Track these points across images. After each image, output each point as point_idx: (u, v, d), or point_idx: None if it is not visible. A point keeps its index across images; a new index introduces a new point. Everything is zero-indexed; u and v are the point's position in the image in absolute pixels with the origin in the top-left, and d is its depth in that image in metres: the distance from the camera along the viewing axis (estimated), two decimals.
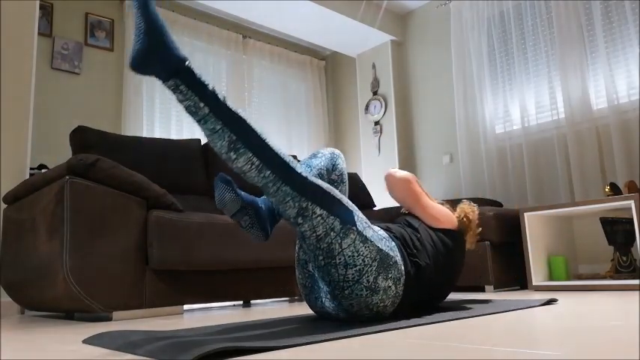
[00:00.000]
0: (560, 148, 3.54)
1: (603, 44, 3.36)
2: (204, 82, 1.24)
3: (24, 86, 2.79)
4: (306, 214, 1.34)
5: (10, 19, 2.79)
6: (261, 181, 1.32)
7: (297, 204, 1.33)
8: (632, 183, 2.82)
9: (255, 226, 1.45)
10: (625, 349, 0.86)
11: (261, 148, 1.29)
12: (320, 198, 1.35)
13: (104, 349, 1.17)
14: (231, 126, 1.26)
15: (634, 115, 3.21)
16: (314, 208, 1.34)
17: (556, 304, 1.84)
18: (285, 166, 1.33)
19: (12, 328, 1.83)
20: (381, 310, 1.45)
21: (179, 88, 1.22)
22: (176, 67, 1.21)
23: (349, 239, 1.37)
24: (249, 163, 1.28)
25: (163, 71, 1.20)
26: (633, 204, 2.55)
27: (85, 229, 1.96)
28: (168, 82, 1.22)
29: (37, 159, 3.48)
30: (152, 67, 1.18)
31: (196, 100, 1.23)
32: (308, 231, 1.36)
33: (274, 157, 1.31)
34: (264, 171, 1.30)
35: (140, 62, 1.17)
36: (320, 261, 1.40)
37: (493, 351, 0.89)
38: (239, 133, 1.26)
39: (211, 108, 1.24)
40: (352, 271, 1.38)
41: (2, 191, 2.63)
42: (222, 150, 1.28)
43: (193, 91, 1.22)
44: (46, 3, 3.71)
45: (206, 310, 2.49)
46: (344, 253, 1.37)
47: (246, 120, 1.29)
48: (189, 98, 1.23)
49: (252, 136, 1.28)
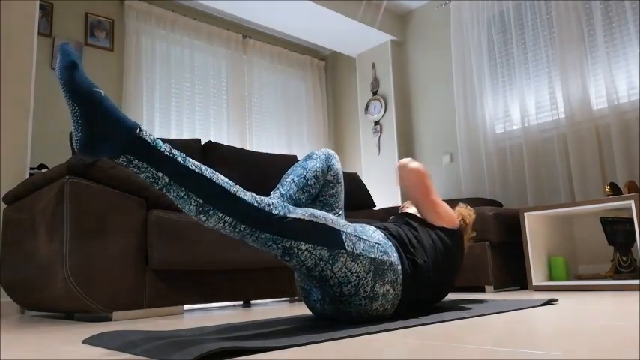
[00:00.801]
0: (560, 148, 3.54)
1: (603, 44, 3.36)
2: (160, 149, 1.13)
3: (24, 86, 2.79)
4: (291, 252, 1.29)
5: (10, 19, 2.79)
6: (238, 234, 1.25)
7: (279, 245, 1.28)
8: (632, 183, 2.82)
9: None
10: (625, 349, 0.86)
11: (231, 204, 1.21)
12: (302, 233, 1.29)
13: (104, 349, 1.17)
14: (195, 191, 1.16)
15: (634, 115, 3.21)
16: (298, 244, 1.29)
17: (556, 304, 1.84)
18: (260, 215, 1.25)
19: (12, 328, 1.83)
20: (381, 313, 1.46)
21: (132, 162, 1.11)
22: (126, 141, 1.09)
23: (339, 263, 1.34)
24: (221, 222, 1.21)
25: (113, 151, 1.08)
26: (633, 204, 2.55)
27: (85, 229, 1.96)
28: (119, 160, 1.10)
29: (37, 159, 3.48)
30: (101, 151, 1.07)
31: (153, 172, 1.12)
32: (297, 265, 1.34)
33: (247, 210, 1.23)
34: (238, 226, 1.23)
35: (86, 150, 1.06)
36: (314, 283, 1.40)
37: (493, 351, 0.89)
38: (205, 196, 1.17)
39: (171, 176, 1.14)
40: (348, 287, 1.38)
41: (2, 191, 2.63)
42: (192, 213, 1.20)
43: (148, 163, 1.11)
44: (46, 3, 3.71)
45: (206, 310, 2.49)
46: (336, 275, 1.36)
47: (211, 179, 1.19)
48: (146, 170, 1.12)
49: (219, 195, 1.19)
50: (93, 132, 1.05)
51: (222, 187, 1.20)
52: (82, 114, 1.04)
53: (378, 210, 3.74)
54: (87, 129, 1.04)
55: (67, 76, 1.03)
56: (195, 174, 1.17)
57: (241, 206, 1.22)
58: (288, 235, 1.27)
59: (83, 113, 1.04)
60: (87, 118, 1.04)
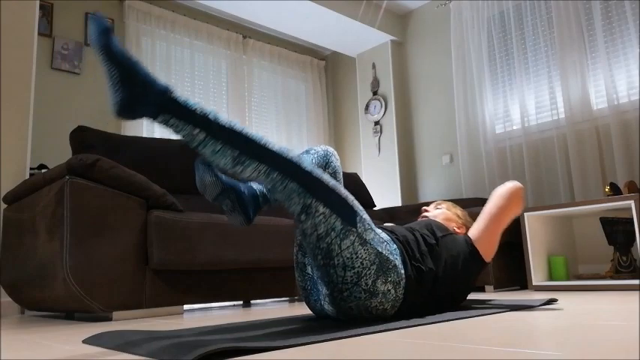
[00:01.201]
0: (560, 148, 3.54)
1: (603, 44, 3.36)
2: (192, 107, 1.21)
3: (24, 86, 2.79)
4: (309, 211, 1.34)
5: (10, 19, 2.79)
6: (270, 183, 1.32)
7: (302, 200, 1.34)
8: (632, 183, 2.82)
9: (237, 210, 1.43)
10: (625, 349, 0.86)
11: (264, 154, 1.29)
12: (323, 194, 1.35)
13: (104, 349, 1.17)
14: (230, 143, 1.24)
15: (634, 115, 3.21)
16: (317, 205, 1.35)
17: (556, 304, 1.84)
18: (291, 165, 1.33)
19: (12, 328, 1.83)
20: (380, 313, 1.45)
21: (169, 122, 1.19)
22: (160, 103, 1.17)
23: (348, 240, 1.37)
24: (256, 171, 1.29)
25: (150, 112, 1.16)
26: (633, 204, 2.55)
27: (85, 229, 1.96)
28: (157, 120, 1.19)
29: (37, 159, 3.48)
30: (138, 111, 1.15)
31: (190, 129, 1.20)
32: (309, 229, 1.37)
33: (278, 159, 1.31)
34: (271, 174, 1.30)
35: (125, 111, 1.13)
36: (319, 260, 1.40)
37: (493, 351, 0.89)
38: (240, 147, 1.25)
39: (207, 132, 1.22)
40: (350, 273, 1.38)
41: (2, 191, 2.63)
42: (227, 166, 1.27)
43: (184, 120, 1.19)
44: (46, 3, 3.71)
45: (206, 310, 2.49)
46: (342, 254, 1.37)
47: (242, 132, 1.27)
48: (183, 129, 1.20)
49: (252, 145, 1.27)
50: (130, 93, 1.11)
51: (253, 138, 1.28)
52: (121, 76, 1.10)
53: (378, 210, 3.74)
54: (124, 91, 1.11)
55: (104, 41, 1.09)
56: (228, 128, 1.24)
57: (273, 155, 1.30)
58: (310, 191, 1.33)
59: (121, 76, 1.10)
60: (125, 81, 1.11)
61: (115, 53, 1.10)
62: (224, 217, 2.39)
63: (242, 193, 1.45)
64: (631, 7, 3.27)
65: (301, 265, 1.57)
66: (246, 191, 1.47)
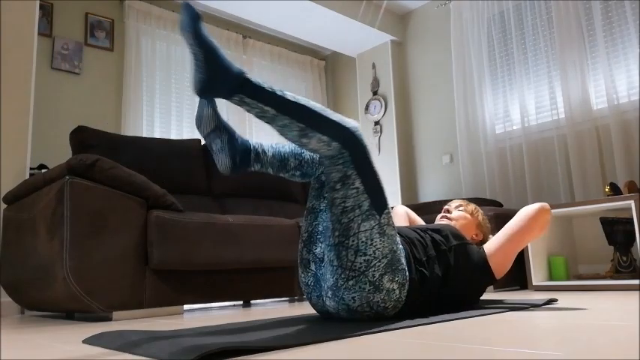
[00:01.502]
0: (560, 148, 3.54)
1: (603, 44, 3.36)
2: (263, 87, 1.32)
3: (24, 86, 2.79)
4: (347, 182, 1.40)
5: (10, 19, 2.79)
6: (330, 152, 1.40)
7: (345, 168, 1.40)
8: (632, 183, 2.82)
9: (225, 152, 1.44)
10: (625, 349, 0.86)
11: (326, 125, 1.37)
12: (365, 172, 1.41)
13: (104, 349, 1.17)
14: (297, 117, 1.34)
15: (634, 115, 3.21)
16: (355, 179, 1.41)
17: (556, 304, 1.84)
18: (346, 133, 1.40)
19: (12, 328, 1.83)
20: (381, 310, 1.45)
21: (243, 100, 1.30)
22: (236, 83, 1.29)
23: (369, 224, 1.40)
24: (320, 142, 1.37)
25: (227, 91, 1.29)
26: (633, 204, 2.55)
27: (85, 229, 1.96)
28: (232, 99, 1.31)
29: (37, 159, 3.48)
30: (216, 91, 1.28)
31: (261, 107, 1.31)
32: (339, 199, 1.41)
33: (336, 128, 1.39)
34: (332, 143, 1.38)
35: (205, 89, 1.26)
36: (335, 238, 1.42)
37: (493, 351, 0.89)
38: (305, 120, 1.35)
39: (276, 108, 1.32)
40: (361, 260, 1.39)
41: (2, 191, 2.63)
42: (294, 139, 1.38)
43: (256, 99, 1.31)
44: (46, 3, 3.71)
45: (206, 310, 2.49)
46: (359, 236, 1.40)
47: (306, 105, 1.36)
48: (255, 106, 1.31)
49: (316, 118, 1.36)
50: (212, 74, 1.25)
51: (315, 110, 1.37)
52: (205, 58, 1.24)
53: None
54: (208, 71, 1.24)
55: (195, 26, 1.23)
56: (294, 103, 1.35)
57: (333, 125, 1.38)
58: (355, 164, 1.40)
59: (206, 58, 1.24)
60: (208, 62, 1.24)
61: (203, 38, 1.24)
62: (224, 217, 2.39)
63: (235, 139, 1.46)
64: (631, 7, 3.27)
65: (305, 261, 1.57)
66: (239, 140, 1.48)
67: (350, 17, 4.38)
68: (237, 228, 2.39)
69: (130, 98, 3.91)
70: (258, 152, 1.52)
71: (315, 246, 1.56)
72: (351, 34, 4.69)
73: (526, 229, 1.68)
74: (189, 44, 1.25)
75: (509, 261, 1.70)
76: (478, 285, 1.69)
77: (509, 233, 1.70)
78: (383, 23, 4.67)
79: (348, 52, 5.07)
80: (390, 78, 4.75)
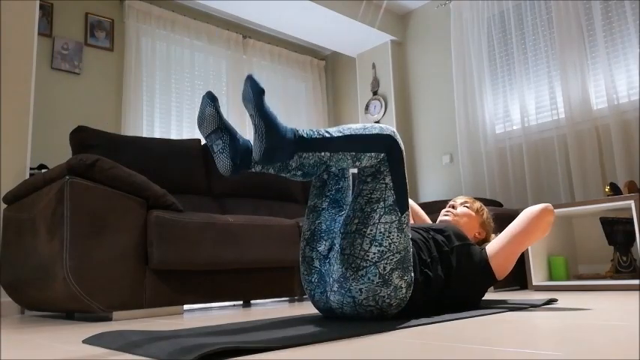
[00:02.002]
0: (560, 148, 3.54)
1: (603, 44, 3.36)
2: (314, 137, 1.39)
3: (24, 86, 2.79)
4: (378, 176, 1.46)
5: (10, 19, 2.79)
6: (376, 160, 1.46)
7: (379, 165, 1.46)
8: (632, 183, 2.82)
9: (227, 153, 1.43)
10: (625, 349, 0.86)
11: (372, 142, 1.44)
12: (396, 171, 1.47)
13: (104, 349, 1.17)
14: (348, 149, 1.41)
15: (634, 115, 3.21)
16: (386, 175, 1.46)
17: (556, 304, 1.84)
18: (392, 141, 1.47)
19: (12, 328, 1.83)
20: (385, 307, 1.45)
21: (302, 157, 1.38)
22: (294, 148, 1.36)
23: (389, 217, 1.44)
24: (369, 159, 1.44)
25: (287, 156, 1.36)
26: (633, 204, 2.55)
27: (85, 229, 1.96)
28: (292, 161, 1.38)
29: (37, 159, 3.48)
30: (277, 158, 1.35)
31: (317, 154, 1.39)
32: (367, 190, 1.46)
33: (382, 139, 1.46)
34: (379, 155, 1.46)
35: (267, 158, 1.33)
36: (354, 224, 1.45)
37: (493, 351, 0.89)
38: (354, 147, 1.42)
39: (330, 150, 1.40)
40: (375, 250, 1.42)
41: (2, 191, 2.63)
42: (349, 166, 1.45)
43: (312, 151, 1.38)
44: (46, 3, 3.71)
45: (206, 310, 2.49)
46: (378, 226, 1.43)
47: (352, 134, 1.43)
48: (312, 158, 1.39)
49: (362, 141, 1.43)
50: (272, 144, 1.32)
51: (360, 134, 1.44)
52: (266, 131, 1.32)
53: None
54: (268, 142, 1.32)
55: (259, 101, 1.31)
56: (341, 137, 1.42)
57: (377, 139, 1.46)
58: (390, 162, 1.47)
59: (267, 130, 1.32)
60: (269, 134, 1.32)
61: (264, 112, 1.32)
62: (224, 217, 2.39)
63: (236, 140, 1.45)
64: (631, 7, 3.27)
65: (309, 259, 1.57)
66: (240, 140, 1.47)
67: (350, 17, 4.38)
68: (237, 228, 2.39)
69: (130, 98, 3.91)
70: None
71: (319, 244, 1.57)
72: (351, 34, 4.69)
73: (528, 230, 1.68)
74: (250, 114, 1.34)
75: (511, 262, 1.70)
76: (479, 286, 1.70)
77: (511, 234, 1.70)
78: (383, 23, 4.67)
79: (348, 52, 5.06)
80: (390, 78, 4.75)
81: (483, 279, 1.69)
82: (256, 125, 1.33)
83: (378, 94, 4.85)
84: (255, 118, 1.32)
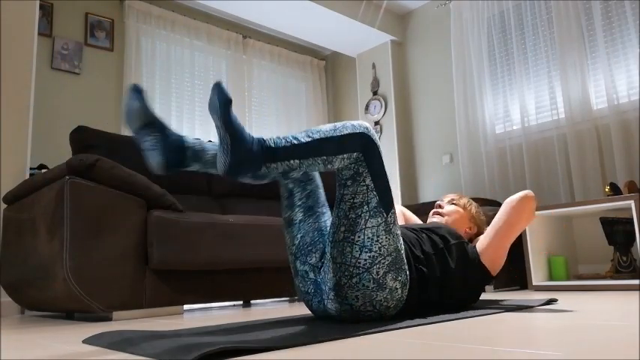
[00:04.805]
0: (560, 148, 3.54)
1: (603, 44, 3.36)
2: (283, 145, 1.32)
3: (24, 86, 2.79)
4: (358, 178, 1.41)
5: (10, 19, 2.79)
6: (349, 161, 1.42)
7: (357, 166, 1.41)
8: (632, 183, 2.82)
9: (159, 149, 1.35)
10: (625, 349, 0.86)
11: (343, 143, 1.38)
12: (375, 171, 1.43)
13: (104, 348, 1.17)
14: (319, 154, 1.35)
15: (634, 115, 3.21)
16: (366, 177, 1.42)
17: (556, 304, 1.84)
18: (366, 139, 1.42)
19: (12, 328, 1.83)
20: (383, 310, 1.45)
21: (269, 167, 1.30)
22: (261, 160, 1.28)
23: (375, 221, 1.41)
24: (342, 161, 1.39)
25: (254, 169, 1.29)
26: (633, 204, 2.55)
27: (85, 229, 1.96)
28: (260, 172, 1.30)
29: (37, 159, 3.48)
30: (243, 171, 1.28)
31: (286, 163, 1.32)
32: (348, 195, 1.42)
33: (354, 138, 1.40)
34: (352, 156, 1.40)
35: (232, 172, 1.26)
36: (341, 233, 1.41)
37: (493, 351, 0.89)
38: (324, 151, 1.36)
39: (300, 158, 1.33)
40: (365, 256, 1.39)
41: (2, 191, 2.63)
42: (321, 169, 1.40)
43: (281, 160, 1.31)
44: (46, 3, 3.71)
45: (206, 310, 2.49)
46: (365, 232, 1.40)
47: (321, 138, 1.37)
48: (281, 167, 1.32)
49: (332, 143, 1.37)
50: (236, 159, 1.24)
51: (329, 137, 1.38)
52: (232, 144, 1.24)
53: None
54: (233, 156, 1.24)
55: (224, 111, 1.22)
56: (312, 142, 1.35)
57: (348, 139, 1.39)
58: (367, 161, 1.42)
59: (232, 143, 1.24)
60: (234, 148, 1.24)
61: (233, 124, 1.24)
62: (224, 217, 2.39)
63: (168, 136, 1.36)
64: (631, 7, 3.27)
65: (302, 272, 1.55)
66: (173, 136, 1.38)
67: (350, 17, 4.38)
68: (237, 228, 2.39)
69: None
70: (196, 150, 1.42)
71: (309, 257, 1.53)
72: (351, 34, 4.69)
73: (511, 222, 1.68)
74: (216, 125, 1.26)
75: (502, 256, 1.70)
76: (475, 283, 1.69)
77: (496, 227, 1.70)
78: (383, 23, 4.67)
79: (348, 52, 5.06)
80: (390, 78, 4.75)
81: (477, 276, 1.68)
82: (221, 138, 1.25)
83: (378, 94, 4.85)
84: (221, 130, 1.24)
